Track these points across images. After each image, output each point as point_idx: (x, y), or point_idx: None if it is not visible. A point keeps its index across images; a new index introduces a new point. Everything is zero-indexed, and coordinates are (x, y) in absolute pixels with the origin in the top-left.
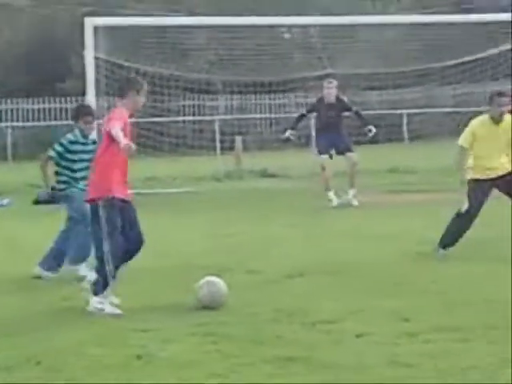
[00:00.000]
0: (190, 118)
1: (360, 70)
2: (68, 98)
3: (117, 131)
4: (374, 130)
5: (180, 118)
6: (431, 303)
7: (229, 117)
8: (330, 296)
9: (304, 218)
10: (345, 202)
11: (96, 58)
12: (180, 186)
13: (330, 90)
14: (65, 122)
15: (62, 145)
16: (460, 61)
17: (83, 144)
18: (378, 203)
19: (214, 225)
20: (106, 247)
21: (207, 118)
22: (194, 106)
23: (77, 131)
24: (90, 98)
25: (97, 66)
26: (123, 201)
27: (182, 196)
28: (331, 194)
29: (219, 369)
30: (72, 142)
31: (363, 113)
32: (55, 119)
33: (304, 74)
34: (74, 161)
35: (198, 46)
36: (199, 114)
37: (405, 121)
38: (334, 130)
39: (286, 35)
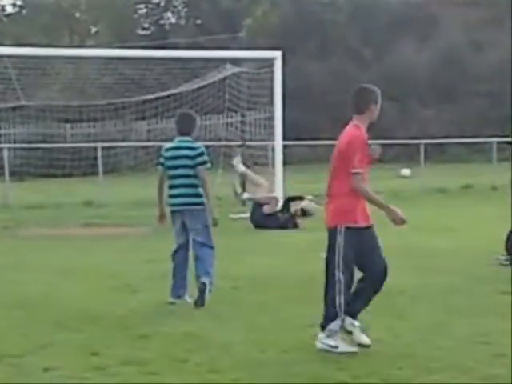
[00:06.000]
0: None
1: (54, 102)
2: None
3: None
4: None
5: None
6: (120, 337)
7: None
8: (18, 330)
9: None
10: None
11: None
12: None
13: None
14: None
15: None
16: (155, 96)
17: None
18: (72, 236)
19: None
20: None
21: None
22: None
23: None
24: None
25: None
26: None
27: None
28: None
29: None
30: None
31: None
32: None
33: None
34: None
35: None
36: None
37: (100, 154)
38: None
39: None
